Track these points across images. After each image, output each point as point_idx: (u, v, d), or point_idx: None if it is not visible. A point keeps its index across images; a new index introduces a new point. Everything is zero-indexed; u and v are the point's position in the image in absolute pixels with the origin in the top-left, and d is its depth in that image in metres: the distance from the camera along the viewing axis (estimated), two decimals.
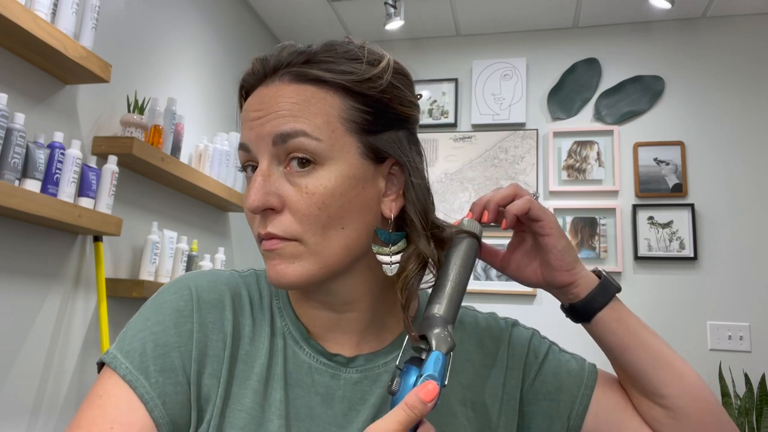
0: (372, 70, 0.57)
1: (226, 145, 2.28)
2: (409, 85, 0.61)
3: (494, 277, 2.65)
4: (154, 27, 2.09)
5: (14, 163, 1.38)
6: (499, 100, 2.83)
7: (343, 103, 0.56)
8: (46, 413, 1.61)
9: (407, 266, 0.57)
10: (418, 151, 0.61)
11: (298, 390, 0.59)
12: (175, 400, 0.55)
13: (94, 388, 0.55)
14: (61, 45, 1.47)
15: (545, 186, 2.70)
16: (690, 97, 2.65)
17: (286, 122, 0.54)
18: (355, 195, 0.55)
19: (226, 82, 2.58)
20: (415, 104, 0.62)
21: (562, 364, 0.68)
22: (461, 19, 2.83)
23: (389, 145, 0.58)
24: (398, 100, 0.59)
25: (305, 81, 0.56)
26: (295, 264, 0.55)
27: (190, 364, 0.56)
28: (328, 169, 0.54)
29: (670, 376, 0.62)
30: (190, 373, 0.56)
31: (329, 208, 0.54)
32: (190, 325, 0.58)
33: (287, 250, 0.55)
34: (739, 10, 2.63)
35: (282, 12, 2.82)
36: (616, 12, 2.70)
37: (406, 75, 0.61)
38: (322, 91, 0.56)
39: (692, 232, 2.49)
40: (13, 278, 1.52)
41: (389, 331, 0.63)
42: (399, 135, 0.59)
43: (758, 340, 2.36)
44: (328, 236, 0.55)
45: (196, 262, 2.11)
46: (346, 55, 0.57)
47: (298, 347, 0.61)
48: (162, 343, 0.57)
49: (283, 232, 0.54)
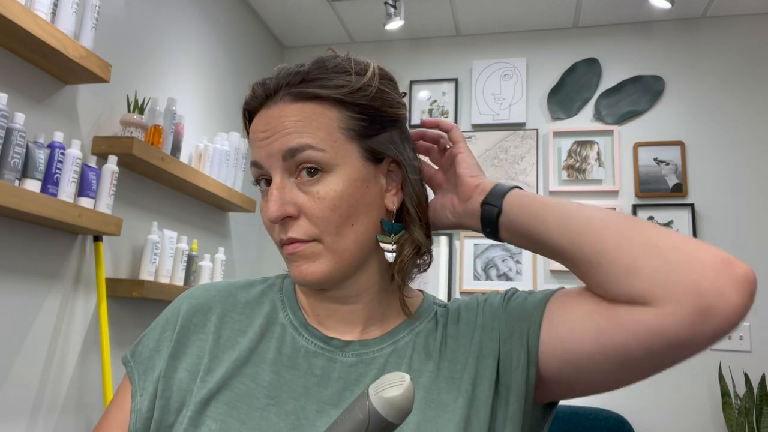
0: (361, 80, 0.63)
1: (226, 145, 2.28)
2: (394, 87, 0.68)
3: (494, 277, 2.65)
4: (154, 27, 2.09)
5: (14, 163, 1.38)
6: (499, 100, 2.83)
7: (341, 114, 0.62)
8: (46, 413, 1.61)
9: (403, 251, 0.65)
10: (410, 147, 0.69)
11: (294, 372, 0.64)
12: (147, 393, 0.65)
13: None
14: (61, 45, 1.47)
15: (545, 186, 2.70)
16: (690, 97, 2.65)
17: (292, 138, 0.61)
18: (360, 194, 0.62)
19: (226, 82, 2.58)
20: (402, 104, 0.69)
21: (527, 298, 0.66)
22: (461, 19, 2.83)
23: (385, 145, 0.65)
24: (387, 103, 0.66)
25: (304, 99, 0.62)
26: (316, 262, 0.62)
27: (164, 363, 0.66)
28: (335, 174, 0.61)
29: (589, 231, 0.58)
30: (163, 370, 0.65)
31: (340, 209, 0.61)
32: (171, 332, 0.68)
33: (308, 250, 0.62)
34: (739, 10, 2.63)
35: (282, 12, 2.82)
36: (616, 12, 2.70)
37: (391, 78, 0.68)
38: (321, 106, 0.62)
39: (692, 232, 2.49)
40: (13, 278, 1.52)
41: (390, 322, 0.68)
42: (392, 135, 0.66)
43: (758, 340, 2.36)
44: (342, 234, 0.62)
45: (196, 262, 2.11)
46: (335, 69, 0.64)
47: (297, 334, 0.66)
48: (150, 347, 0.68)
49: (302, 235, 0.61)
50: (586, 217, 0.59)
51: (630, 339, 0.55)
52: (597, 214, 0.59)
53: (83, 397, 1.73)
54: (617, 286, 0.55)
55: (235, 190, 2.33)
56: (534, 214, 0.62)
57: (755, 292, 0.53)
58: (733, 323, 0.52)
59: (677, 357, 0.55)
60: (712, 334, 0.52)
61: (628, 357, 0.56)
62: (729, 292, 0.51)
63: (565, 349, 0.59)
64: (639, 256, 0.55)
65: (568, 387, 0.63)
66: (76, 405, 1.71)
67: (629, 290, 0.55)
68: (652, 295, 0.53)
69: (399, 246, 0.65)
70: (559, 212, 0.60)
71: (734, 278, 0.52)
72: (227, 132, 2.40)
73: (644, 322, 0.53)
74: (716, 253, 0.53)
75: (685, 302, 0.52)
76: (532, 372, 0.62)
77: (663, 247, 0.55)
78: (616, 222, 0.58)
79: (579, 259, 0.59)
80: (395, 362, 0.64)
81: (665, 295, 0.53)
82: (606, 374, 0.59)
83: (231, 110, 2.61)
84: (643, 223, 0.58)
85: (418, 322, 0.68)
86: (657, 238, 0.55)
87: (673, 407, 2.37)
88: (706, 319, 0.51)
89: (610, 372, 0.58)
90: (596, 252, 0.57)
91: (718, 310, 0.51)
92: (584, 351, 0.58)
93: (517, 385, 0.62)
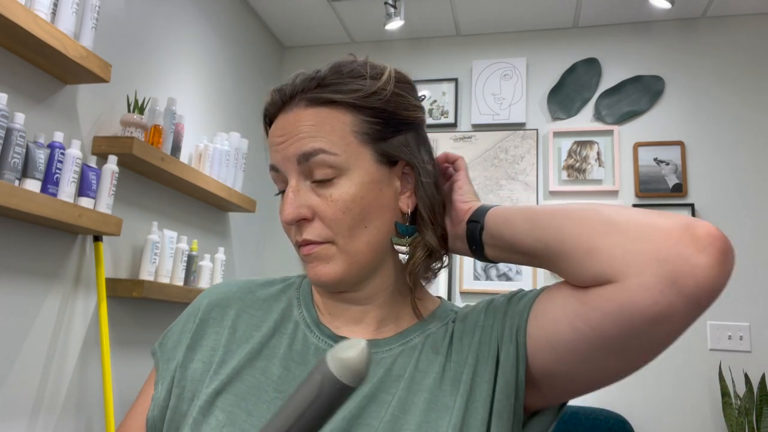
0: (376, 84, 0.64)
1: (226, 145, 2.28)
2: (411, 90, 0.69)
3: (494, 277, 2.65)
4: (154, 27, 2.09)
5: (14, 163, 1.38)
6: (499, 100, 2.83)
7: (354, 118, 0.64)
8: (46, 413, 1.61)
9: (415, 253, 0.66)
10: (426, 150, 0.69)
11: (303, 367, 0.65)
12: (165, 381, 0.68)
13: None
14: (61, 45, 1.47)
15: (545, 186, 2.70)
16: (690, 97, 2.65)
17: (306, 143, 0.62)
18: (373, 197, 0.63)
19: (226, 81, 2.58)
20: (419, 107, 0.69)
21: (523, 297, 0.66)
22: (461, 19, 2.83)
23: (399, 149, 0.66)
24: (403, 106, 0.66)
25: (319, 104, 0.64)
26: (330, 264, 0.63)
27: (182, 354, 0.69)
28: (348, 178, 0.63)
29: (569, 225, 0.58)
30: (180, 361, 0.69)
31: (352, 211, 0.62)
32: (192, 324, 0.71)
33: (322, 252, 0.63)
34: (739, 10, 2.63)
35: (282, 12, 2.82)
36: (616, 12, 2.70)
37: (408, 82, 0.69)
38: (335, 110, 0.63)
39: None
40: (13, 278, 1.52)
41: (403, 323, 0.69)
42: (407, 138, 0.66)
43: (758, 340, 2.36)
44: (354, 235, 0.63)
45: (196, 262, 2.11)
46: (351, 74, 0.65)
47: (309, 331, 0.68)
48: (173, 339, 0.72)
49: (316, 237, 0.63)
50: (550, 213, 0.59)
51: (603, 318, 0.53)
52: (561, 208, 0.59)
53: (83, 397, 1.73)
54: (582, 270, 0.55)
55: (235, 190, 2.33)
56: (506, 220, 0.62)
57: (727, 249, 0.49)
58: (709, 287, 0.49)
59: (659, 333, 0.52)
60: (686, 301, 0.49)
61: (607, 339, 0.54)
62: (692, 254, 0.49)
63: (549, 340, 0.59)
64: (597, 235, 0.54)
65: (567, 382, 0.61)
66: (76, 405, 1.71)
67: (594, 271, 0.54)
68: (615, 271, 0.52)
69: (412, 248, 0.66)
70: (527, 214, 0.61)
71: (695, 239, 0.49)
72: (227, 132, 2.40)
73: (613, 299, 0.52)
74: (676, 220, 0.51)
75: (649, 272, 0.50)
76: (521, 369, 0.61)
77: (621, 222, 0.54)
78: (577, 211, 0.57)
79: (547, 254, 0.59)
80: (402, 362, 0.64)
81: (627, 268, 0.51)
82: (595, 362, 0.57)
83: (231, 110, 2.61)
84: (606, 207, 0.57)
85: (432, 325, 0.68)
86: (616, 216, 0.54)
87: (673, 407, 2.37)
88: (676, 287, 0.49)
89: (598, 359, 0.57)
90: (559, 242, 0.57)
91: (686, 274, 0.48)
92: (565, 338, 0.57)
93: (506, 382, 0.61)
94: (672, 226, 0.51)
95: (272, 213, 2.94)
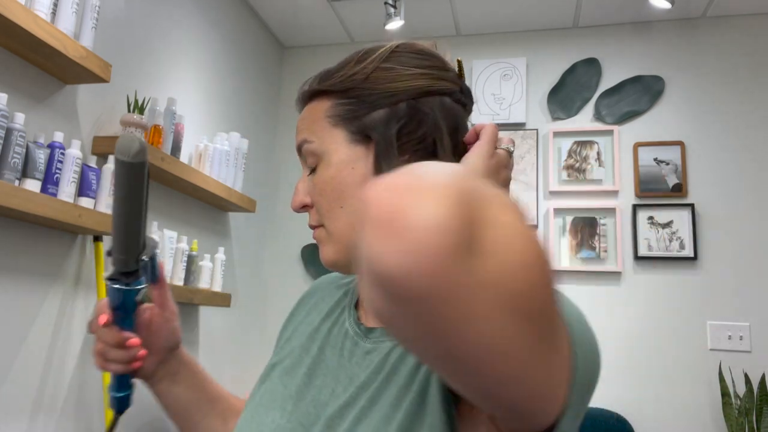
0: (356, 67, 0.64)
1: (226, 145, 2.28)
2: (412, 59, 0.64)
3: None
4: (154, 27, 2.09)
5: (14, 163, 1.38)
6: (499, 100, 2.83)
7: (330, 103, 0.64)
8: (46, 413, 1.61)
9: None
10: (418, 120, 0.61)
11: (332, 351, 0.68)
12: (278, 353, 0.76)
13: None
14: (61, 45, 1.47)
15: (545, 186, 2.70)
16: (690, 97, 2.65)
17: (298, 137, 0.67)
18: (345, 176, 0.63)
19: (226, 82, 2.58)
20: (417, 74, 0.63)
21: None
22: (461, 19, 2.83)
23: (370, 126, 0.62)
24: (387, 79, 0.62)
25: (311, 98, 0.67)
26: (325, 246, 0.66)
27: (284, 332, 0.80)
28: (325, 161, 0.64)
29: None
30: (278, 336, 0.80)
31: (325, 192, 0.64)
32: (294, 308, 0.82)
33: (318, 236, 0.67)
34: (739, 10, 2.63)
35: (282, 11, 2.82)
36: (616, 12, 2.70)
37: (412, 51, 0.65)
38: (319, 101, 0.66)
39: (692, 232, 2.49)
40: (13, 278, 1.52)
41: None
42: (382, 114, 0.62)
43: (758, 340, 2.36)
44: (333, 217, 0.64)
45: (196, 262, 2.11)
46: (341, 63, 0.66)
47: (348, 316, 0.71)
48: (286, 318, 0.83)
49: (314, 222, 0.67)
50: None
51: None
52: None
53: (83, 397, 1.73)
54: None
55: (235, 190, 2.33)
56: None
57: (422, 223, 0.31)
58: (422, 276, 0.30)
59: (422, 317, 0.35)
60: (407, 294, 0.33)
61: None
62: (377, 249, 0.31)
63: None
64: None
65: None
66: (76, 405, 1.71)
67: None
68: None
69: None
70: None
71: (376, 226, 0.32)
72: (227, 132, 2.40)
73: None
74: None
75: (369, 282, 0.33)
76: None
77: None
78: None
79: None
80: (401, 352, 0.61)
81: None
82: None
83: (231, 110, 2.61)
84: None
85: None
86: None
87: (673, 407, 2.37)
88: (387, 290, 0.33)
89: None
90: None
91: (384, 273, 0.31)
92: None
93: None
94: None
95: (272, 213, 2.94)
